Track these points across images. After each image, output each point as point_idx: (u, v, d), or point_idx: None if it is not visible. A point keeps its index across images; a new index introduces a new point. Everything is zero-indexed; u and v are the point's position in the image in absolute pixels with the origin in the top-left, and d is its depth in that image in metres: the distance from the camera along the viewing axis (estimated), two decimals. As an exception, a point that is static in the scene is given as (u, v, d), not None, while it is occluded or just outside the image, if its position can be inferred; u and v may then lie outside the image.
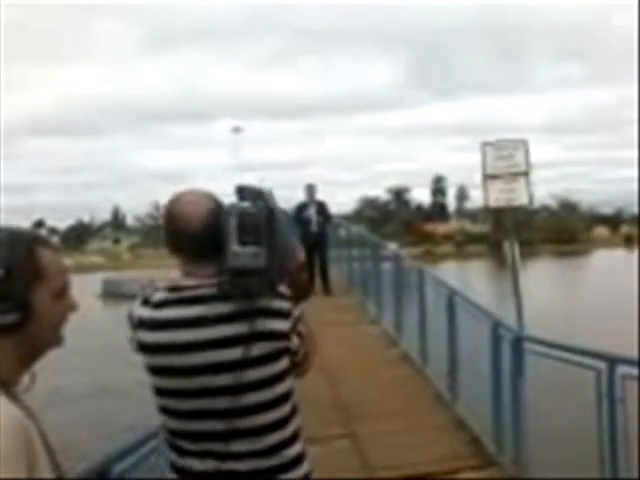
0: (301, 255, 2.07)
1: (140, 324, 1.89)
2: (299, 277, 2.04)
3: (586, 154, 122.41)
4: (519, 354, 4.64)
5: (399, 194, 75.33)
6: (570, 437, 4.50)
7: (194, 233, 1.86)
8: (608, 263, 44.39)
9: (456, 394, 6.04)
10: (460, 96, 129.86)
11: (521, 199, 5.55)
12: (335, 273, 13.24)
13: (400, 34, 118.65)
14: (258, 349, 1.86)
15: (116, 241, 73.20)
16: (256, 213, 1.85)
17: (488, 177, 5.57)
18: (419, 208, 77.65)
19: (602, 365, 3.81)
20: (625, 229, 72.77)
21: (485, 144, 5.66)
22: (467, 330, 5.86)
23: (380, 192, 77.71)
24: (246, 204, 1.87)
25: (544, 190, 68.96)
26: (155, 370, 1.91)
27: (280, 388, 1.92)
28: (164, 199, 2.07)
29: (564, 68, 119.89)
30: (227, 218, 1.84)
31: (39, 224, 75.57)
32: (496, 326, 5.01)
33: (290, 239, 2.05)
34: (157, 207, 69.26)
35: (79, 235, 75.27)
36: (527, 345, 4.60)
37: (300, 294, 2.02)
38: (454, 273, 41.38)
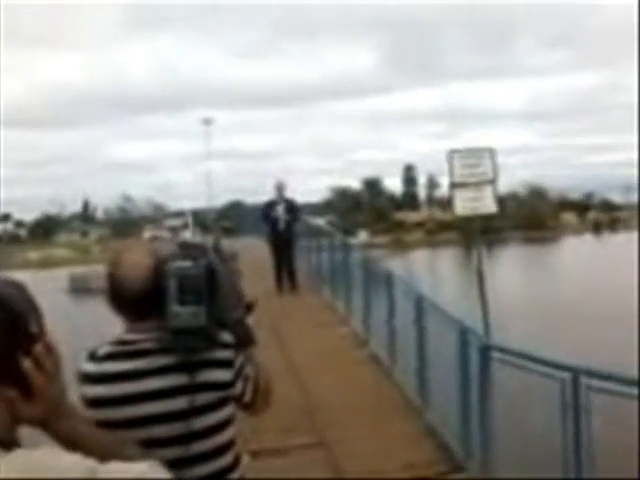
0: (242, 303, 2.08)
1: (84, 379, 1.88)
2: (243, 325, 2.06)
3: (563, 140, 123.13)
4: (486, 362, 4.68)
5: (372, 185, 75.17)
6: (536, 444, 4.55)
7: (134, 296, 1.88)
8: (577, 249, 45.06)
9: (426, 400, 6.08)
10: (439, 82, 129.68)
11: (488, 207, 5.56)
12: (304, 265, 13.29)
13: (378, 19, 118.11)
14: (202, 399, 1.88)
15: (84, 234, 71.79)
16: (196, 274, 1.86)
17: (455, 185, 5.58)
18: (392, 197, 77.56)
19: (566, 376, 3.85)
20: (593, 215, 73.55)
21: (452, 152, 5.65)
22: (436, 335, 5.88)
23: (352, 181, 77.54)
24: (186, 264, 1.88)
25: (518, 176, 69.45)
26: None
27: (220, 438, 1.93)
28: (134, 190, 2.03)
29: (544, 54, 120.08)
30: (167, 279, 1.86)
31: (5, 218, 74.20)
32: (464, 332, 5.04)
33: (235, 288, 2.06)
34: (127, 199, 68.46)
35: (47, 228, 73.63)
36: (494, 354, 4.64)
37: (245, 341, 2.04)
38: (425, 261, 41.78)
